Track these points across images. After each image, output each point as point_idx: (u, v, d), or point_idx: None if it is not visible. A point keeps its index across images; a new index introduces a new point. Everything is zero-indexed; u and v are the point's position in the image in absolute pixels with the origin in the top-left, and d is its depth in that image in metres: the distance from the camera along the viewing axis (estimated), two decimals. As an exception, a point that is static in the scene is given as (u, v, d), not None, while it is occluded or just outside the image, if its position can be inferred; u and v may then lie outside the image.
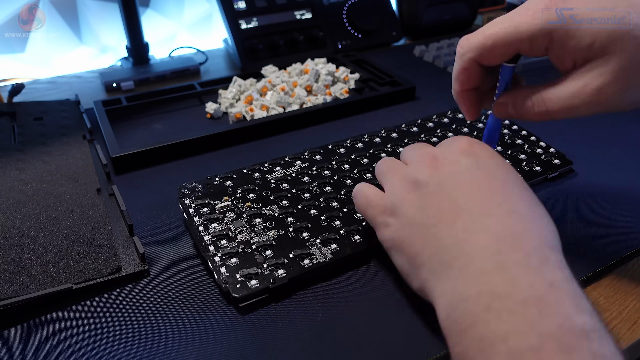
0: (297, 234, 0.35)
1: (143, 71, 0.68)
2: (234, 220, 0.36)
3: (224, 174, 0.41)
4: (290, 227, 0.36)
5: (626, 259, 0.35)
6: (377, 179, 0.33)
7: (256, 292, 0.31)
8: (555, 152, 0.44)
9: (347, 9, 0.76)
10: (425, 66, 0.71)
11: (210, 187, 0.39)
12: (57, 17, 0.71)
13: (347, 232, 0.35)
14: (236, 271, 0.32)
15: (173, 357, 0.28)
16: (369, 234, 0.34)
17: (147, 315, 0.31)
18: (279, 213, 0.37)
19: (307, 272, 0.32)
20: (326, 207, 0.37)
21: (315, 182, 0.40)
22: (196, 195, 0.39)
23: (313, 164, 0.42)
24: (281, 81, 0.59)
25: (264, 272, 0.32)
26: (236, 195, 0.39)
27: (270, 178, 0.41)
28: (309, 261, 0.33)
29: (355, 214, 0.37)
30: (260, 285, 0.31)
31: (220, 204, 0.37)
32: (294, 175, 0.41)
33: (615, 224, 0.37)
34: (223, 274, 0.32)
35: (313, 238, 0.35)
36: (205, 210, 0.37)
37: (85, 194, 0.41)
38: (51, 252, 0.34)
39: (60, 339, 0.29)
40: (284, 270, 0.32)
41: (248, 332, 0.30)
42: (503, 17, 0.29)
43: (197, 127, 0.55)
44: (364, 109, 0.57)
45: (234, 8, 0.70)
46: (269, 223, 0.36)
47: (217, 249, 0.34)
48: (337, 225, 0.36)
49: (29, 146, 0.47)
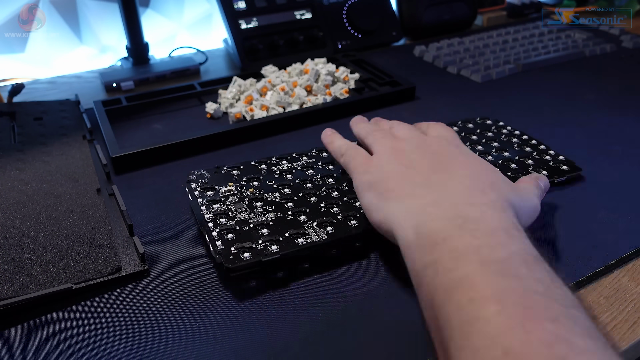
0: (295, 217, 0.36)
1: (143, 71, 0.68)
2: (236, 203, 0.37)
3: (232, 164, 0.42)
4: (289, 211, 0.36)
5: (626, 259, 0.35)
6: (358, 137, 0.39)
7: (248, 265, 0.31)
8: (565, 159, 0.43)
9: (347, 9, 0.76)
10: (425, 66, 0.71)
11: (217, 175, 0.41)
12: (57, 17, 0.71)
13: (345, 217, 0.35)
14: (231, 245, 0.33)
15: (173, 357, 0.28)
16: (366, 220, 0.34)
17: (147, 315, 0.31)
18: (279, 199, 0.38)
19: (301, 250, 0.33)
20: (327, 195, 0.38)
21: (319, 175, 0.41)
22: (203, 181, 0.40)
23: (319, 160, 0.43)
24: (281, 81, 0.59)
25: (258, 247, 0.33)
26: (241, 183, 0.40)
27: (275, 170, 0.42)
28: (303, 240, 0.33)
29: (354, 202, 0.37)
30: (252, 259, 0.32)
31: (224, 188, 0.39)
32: (299, 168, 0.42)
33: (615, 224, 0.37)
34: (218, 246, 0.33)
35: (310, 221, 0.35)
36: (209, 193, 0.38)
37: (85, 194, 0.41)
38: (51, 252, 0.34)
39: (60, 339, 0.29)
40: (278, 247, 0.33)
41: (248, 333, 0.30)
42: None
43: (197, 127, 0.55)
44: (364, 109, 0.57)
45: (234, 8, 0.70)
46: (269, 207, 0.37)
47: (215, 225, 0.35)
48: (335, 211, 0.36)
49: (29, 146, 0.47)
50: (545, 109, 0.56)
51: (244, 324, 0.30)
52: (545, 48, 0.73)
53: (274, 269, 0.34)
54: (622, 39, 0.78)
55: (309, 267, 0.34)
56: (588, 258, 0.34)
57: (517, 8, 0.91)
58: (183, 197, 0.42)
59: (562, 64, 0.70)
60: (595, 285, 0.33)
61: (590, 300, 0.32)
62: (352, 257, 0.35)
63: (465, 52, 0.73)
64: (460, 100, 0.60)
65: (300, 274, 0.33)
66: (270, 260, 0.32)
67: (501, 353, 0.20)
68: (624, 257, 0.34)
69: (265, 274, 0.33)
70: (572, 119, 0.54)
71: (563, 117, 0.54)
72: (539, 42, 0.76)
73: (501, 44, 0.75)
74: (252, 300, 0.32)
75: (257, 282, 0.33)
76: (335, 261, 0.34)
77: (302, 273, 0.34)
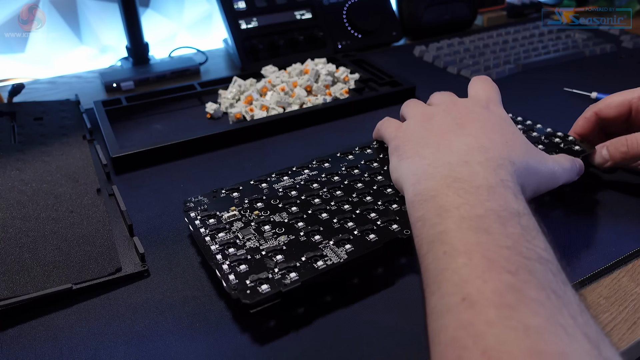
0: (309, 238, 0.33)
1: (143, 71, 0.68)
2: (242, 229, 0.34)
3: (230, 186, 0.39)
4: (301, 231, 0.33)
5: (626, 259, 0.35)
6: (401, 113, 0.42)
7: (268, 298, 0.29)
8: (574, 140, 0.42)
9: (347, 9, 0.76)
10: (425, 66, 0.71)
11: (216, 200, 0.37)
12: (57, 17, 0.71)
13: (361, 231, 0.33)
14: (246, 277, 0.30)
15: (173, 357, 0.28)
16: (384, 232, 0.33)
17: (147, 315, 0.31)
18: (288, 219, 0.35)
19: (322, 274, 0.30)
20: (338, 210, 0.36)
21: (325, 188, 0.38)
22: (202, 208, 0.36)
23: (322, 172, 0.40)
24: (281, 81, 0.59)
25: (275, 276, 0.30)
26: (243, 206, 0.36)
27: (277, 187, 0.38)
28: (322, 262, 0.31)
29: (368, 215, 0.35)
30: (271, 290, 0.29)
31: (227, 213, 0.35)
32: (302, 183, 0.39)
33: (615, 224, 0.37)
34: (232, 281, 0.30)
35: (326, 240, 0.33)
36: (211, 221, 0.35)
37: (85, 194, 0.41)
38: (51, 252, 0.34)
39: (60, 339, 0.29)
40: (297, 274, 0.30)
41: (248, 333, 0.30)
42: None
43: (197, 127, 0.55)
44: (364, 109, 0.57)
45: (234, 8, 0.70)
46: (279, 229, 0.34)
47: (224, 257, 0.31)
48: (351, 226, 0.34)
49: (29, 146, 0.47)
50: (545, 109, 0.56)
51: (244, 324, 0.30)
52: (545, 48, 0.73)
53: (293, 297, 0.31)
54: (622, 39, 0.78)
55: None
56: (588, 258, 0.34)
57: (517, 8, 0.91)
58: (183, 197, 0.42)
59: (562, 64, 0.70)
60: (595, 285, 0.33)
61: (590, 301, 0.32)
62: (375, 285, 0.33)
63: (465, 52, 0.73)
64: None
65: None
66: (290, 290, 0.29)
67: (460, 299, 0.22)
68: (624, 257, 0.34)
69: (285, 306, 0.31)
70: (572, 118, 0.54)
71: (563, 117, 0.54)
72: (539, 42, 0.76)
73: (501, 44, 0.75)
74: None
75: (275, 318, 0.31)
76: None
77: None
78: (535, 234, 0.25)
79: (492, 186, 0.28)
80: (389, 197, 0.36)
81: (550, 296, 0.22)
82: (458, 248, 0.24)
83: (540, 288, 0.22)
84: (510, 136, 0.33)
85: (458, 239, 0.25)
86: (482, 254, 0.24)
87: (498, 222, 0.25)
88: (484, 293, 0.22)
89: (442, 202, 0.27)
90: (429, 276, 0.25)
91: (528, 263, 0.23)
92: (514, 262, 0.23)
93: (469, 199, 0.27)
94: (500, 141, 0.32)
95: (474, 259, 0.24)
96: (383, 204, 0.36)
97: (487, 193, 0.27)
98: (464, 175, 0.29)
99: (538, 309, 0.21)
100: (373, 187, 0.38)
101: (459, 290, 0.23)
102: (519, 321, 0.20)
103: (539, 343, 0.19)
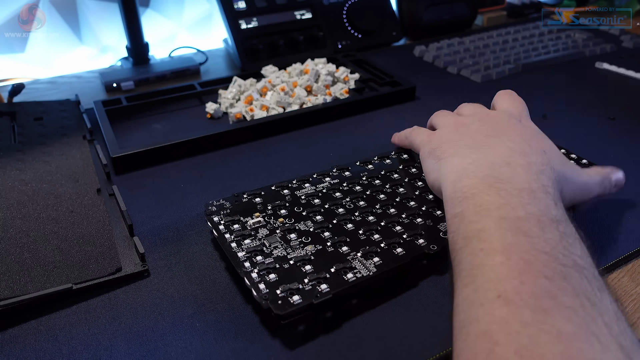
0: (336, 249, 0.33)
1: (143, 71, 0.68)
2: (268, 236, 0.34)
3: (251, 191, 0.38)
4: (328, 241, 0.33)
5: (626, 259, 0.35)
6: (429, 123, 0.42)
7: (300, 309, 0.28)
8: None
9: (347, 9, 0.76)
10: (425, 66, 0.71)
11: (238, 204, 0.37)
12: (57, 17, 0.71)
13: (388, 244, 0.33)
14: (276, 287, 0.29)
15: (173, 357, 0.28)
16: (411, 246, 0.33)
17: (147, 315, 0.31)
18: (314, 228, 0.35)
19: (352, 287, 0.30)
20: (362, 221, 0.35)
21: (348, 198, 0.38)
22: (225, 212, 0.36)
23: (343, 180, 0.40)
24: (281, 81, 0.59)
25: (306, 287, 0.30)
26: (267, 212, 0.36)
27: (300, 194, 0.38)
28: (352, 275, 0.30)
29: (393, 228, 0.35)
30: (303, 301, 0.29)
31: (252, 220, 0.35)
32: (324, 191, 0.39)
33: (615, 224, 0.37)
34: (262, 290, 0.29)
35: (353, 252, 0.32)
36: (236, 226, 0.35)
37: (85, 194, 0.41)
38: (51, 252, 0.34)
39: (60, 339, 0.29)
40: (327, 285, 0.30)
41: (248, 333, 0.30)
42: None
43: (197, 127, 0.55)
44: (364, 109, 0.57)
45: (234, 8, 0.70)
46: (305, 238, 0.34)
47: (253, 265, 0.31)
48: (377, 238, 0.34)
49: (29, 146, 0.47)
50: (545, 109, 0.56)
51: (244, 325, 0.30)
52: (545, 48, 0.73)
53: (323, 309, 0.31)
54: (622, 39, 0.78)
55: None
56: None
57: (517, 8, 0.91)
58: (183, 197, 0.42)
59: (562, 64, 0.70)
60: (595, 285, 0.33)
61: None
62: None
63: (465, 52, 0.73)
64: (461, 100, 0.59)
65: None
66: (322, 302, 0.29)
67: (495, 295, 0.23)
68: (624, 257, 0.34)
69: (315, 318, 0.30)
70: (572, 118, 0.54)
71: (563, 117, 0.54)
72: (539, 42, 0.76)
73: (501, 44, 0.75)
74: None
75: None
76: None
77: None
78: (572, 241, 0.26)
79: (533, 190, 0.28)
80: (412, 210, 0.36)
81: (584, 304, 0.22)
82: (496, 247, 0.25)
83: (574, 295, 0.22)
84: (547, 146, 0.33)
85: (496, 238, 0.25)
86: (519, 256, 0.24)
87: (538, 226, 0.26)
88: (521, 294, 0.22)
89: (482, 201, 0.28)
90: (463, 269, 0.26)
91: (564, 270, 0.23)
92: (550, 268, 0.23)
93: (510, 200, 0.27)
94: (539, 149, 0.32)
95: (512, 259, 0.24)
96: (407, 217, 0.36)
97: (528, 197, 0.28)
98: (506, 177, 0.29)
99: (571, 316, 0.21)
100: (396, 199, 0.38)
101: (495, 287, 0.23)
102: (553, 326, 0.21)
103: (571, 349, 0.20)
